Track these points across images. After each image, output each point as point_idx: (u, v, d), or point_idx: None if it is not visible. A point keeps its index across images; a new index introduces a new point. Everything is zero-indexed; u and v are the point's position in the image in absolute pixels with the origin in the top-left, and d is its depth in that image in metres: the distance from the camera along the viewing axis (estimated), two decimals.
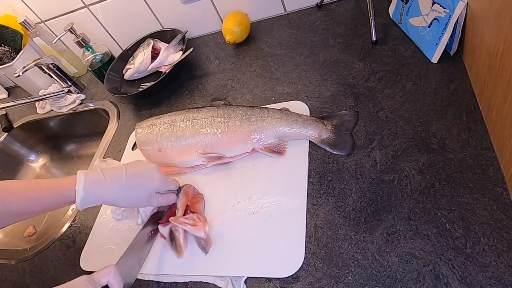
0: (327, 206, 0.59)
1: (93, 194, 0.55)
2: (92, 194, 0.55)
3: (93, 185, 0.56)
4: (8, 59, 1.13)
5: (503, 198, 0.50)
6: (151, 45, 0.99)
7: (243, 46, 0.97)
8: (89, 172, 0.57)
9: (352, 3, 0.90)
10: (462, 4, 0.60)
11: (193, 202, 0.67)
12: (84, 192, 0.55)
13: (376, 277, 0.50)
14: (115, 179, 0.57)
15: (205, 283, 0.59)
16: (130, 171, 0.59)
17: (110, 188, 0.57)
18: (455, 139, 0.58)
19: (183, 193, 0.66)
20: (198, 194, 0.69)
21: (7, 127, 1.12)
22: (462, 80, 0.64)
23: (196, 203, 0.67)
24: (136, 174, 0.59)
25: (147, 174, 0.60)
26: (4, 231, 1.03)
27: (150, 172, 0.61)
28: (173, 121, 0.72)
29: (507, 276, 0.45)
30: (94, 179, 0.56)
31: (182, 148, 0.71)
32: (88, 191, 0.55)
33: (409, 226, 0.52)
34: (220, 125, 0.69)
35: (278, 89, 0.81)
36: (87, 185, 0.55)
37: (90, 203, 0.56)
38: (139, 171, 0.60)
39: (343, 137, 0.65)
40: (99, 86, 1.12)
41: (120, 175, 0.58)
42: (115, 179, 0.57)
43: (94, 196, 0.56)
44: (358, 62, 0.76)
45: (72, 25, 0.99)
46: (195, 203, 0.67)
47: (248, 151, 0.70)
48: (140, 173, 0.60)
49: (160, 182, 0.61)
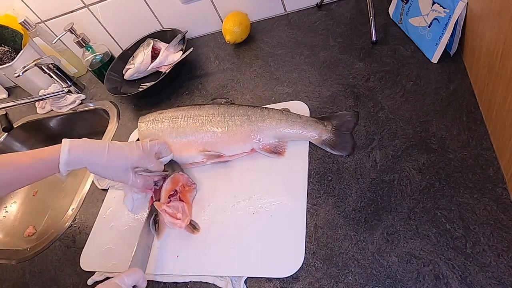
0: (327, 206, 0.59)
1: (75, 157, 0.60)
2: (74, 156, 0.60)
3: (76, 149, 0.60)
4: (8, 59, 1.13)
5: (503, 198, 0.50)
6: (151, 45, 0.99)
7: (243, 46, 0.97)
8: (74, 139, 0.62)
9: (352, 3, 0.90)
10: (462, 4, 0.60)
11: (184, 190, 0.69)
12: (68, 155, 0.59)
13: (376, 277, 0.50)
14: (97, 146, 0.62)
15: (205, 283, 0.59)
16: (113, 143, 0.64)
17: (91, 153, 0.61)
18: (455, 139, 0.58)
19: (171, 180, 0.68)
20: (192, 184, 0.70)
21: (7, 127, 1.12)
22: (462, 80, 0.64)
23: (187, 192, 0.69)
24: (118, 145, 0.63)
25: (127, 147, 0.64)
26: (4, 231, 1.03)
27: (131, 146, 0.64)
28: (175, 117, 0.73)
29: (507, 276, 0.44)
30: (77, 144, 0.61)
31: (182, 144, 0.71)
32: (71, 154, 0.59)
33: (409, 226, 0.52)
34: (220, 124, 0.69)
35: (278, 89, 0.81)
36: (71, 148, 0.60)
37: (72, 166, 0.60)
38: (121, 144, 0.64)
39: (343, 137, 0.65)
40: (99, 86, 1.12)
41: (103, 143, 0.63)
42: (97, 146, 0.62)
43: (76, 158, 0.60)
44: (358, 62, 0.76)
45: (72, 25, 0.99)
46: (186, 192, 0.69)
47: (247, 151, 0.70)
48: (121, 145, 0.64)
49: (139, 158, 0.64)
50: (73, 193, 0.87)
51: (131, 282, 0.51)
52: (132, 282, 0.51)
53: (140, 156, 0.64)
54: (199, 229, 0.64)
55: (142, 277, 0.52)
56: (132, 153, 0.63)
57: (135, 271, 0.52)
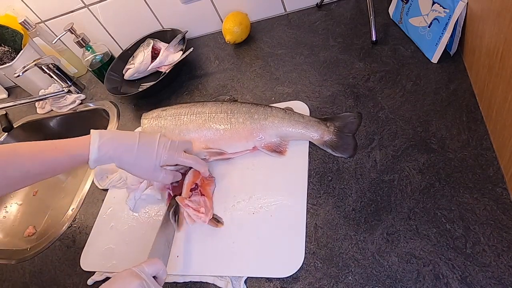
0: (327, 206, 0.59)
1: (105, 154, 0.58)
2: (104, 153, 0.58)
3: (106, 146, 0.58)
4: (8, 59, 1.13)
5: (503, 198, 0.50)
6: (151, 45, 0.99)
7: (243, 46, 0.97)
8: (103, 132, 0.59)
9: (352, 3, 0.90)
10: (462, 4, 0.60)
11: (204, 183, 0.68)
12: (98, 153, 0.57)
13: (376, 277, 0.50)
14: (127, 142, 0.60)
15: (205, 283, 0.59)
16: (143, 139, 0.61)
17: (121, 151, 0.59)
18: (455, 139, 0.58)
19: (192, 173, 0.67)
20: (211, 177, 0.70)
21: (7, 127, 1.12)
22: (462, 80, 0.64)
23: (207, 185, 0.68)
24: (148, 142, 0.61)
25: (157, 146, 0.61)
26: (4, 231, 1.03)
27: (160, 145, 0.62)
28: (178, 114, 0.73)
29: (507, 276, 0.44)
30: (107, 139, 0.59)
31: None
32: (101, 151, 0.58)
33: (409, 226, 0.52)
34: (223, 121, 0.70)
35: (278, 89, 0.81)
36: (101, 145, 0.58)
37: (102, 162, 0.59)
38: (151, 140, 0.62)
39: (345, 139, 0.65)
40: (99, 86, 1.12)
41: (132, 140, 0.60)
42: (127, 144, 0.60)
43: (106, 155, 0.58)
44: (358, 62, 0.76)
45: (72, 25, 0.99)
46: (206, 185, 0.68)
47: (249, 149, 0.70)
48: (151, 142, 0.61)
49: (168, 157, 0.62)
50: (73, 193, 0.87)
51: (151, 271, 0.49)
52: (152, 272, 0.49)
53: (169, 155, 0.62)
54: (222, 222, 0.63)
55: (163, 269, 0.50)
56: (161, 153, 0.61)
57: (155, 262, 0.50)
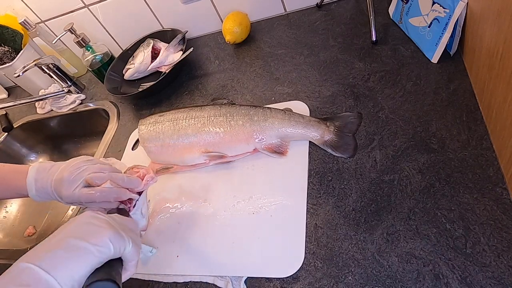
0: (327, 206, 0.59)
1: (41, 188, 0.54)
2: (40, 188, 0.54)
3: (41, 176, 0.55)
4: (8, 59, 1.13)
5: (503, 198, 0.50)
6: (151, 45, 0.99)
7: (243, 46, 0.97)
8: (40, 165, 0.56)
9: (352, 3, 0.90)
10: (462, 4, 0.60)
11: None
12: (36, 190, 0.55)
13: (376, 277, 0.50)
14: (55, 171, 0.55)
15: (205, 283, 0.59)
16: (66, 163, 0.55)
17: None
18: (455, 139, 0.58)
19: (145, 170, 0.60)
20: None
21: (7, 127, 1.12)
22: (462, 80, 0.64)
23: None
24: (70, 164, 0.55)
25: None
26: (4, 231, 1.03)
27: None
28: (176, 119, 0.73)
29: (507, 276, 0.45)
30: (42, 168, 0.55)
31: (184, 146, 0.71)
32: (37, 184, 0.54)
33: (409, 226, 0.52)
34: (222, 124, 0.69)
35: (278, 89, 0.81)
36: (37, 179, 0.54)
37: (44, 199, 0.56)
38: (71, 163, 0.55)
39: (345, 139, 0.65)
40: (99, 86, 1.12)
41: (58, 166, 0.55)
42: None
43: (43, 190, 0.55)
44: (358, 62, 0.76)
45: (72, 25, 0.99)
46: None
47: (250, 151, 0.70)
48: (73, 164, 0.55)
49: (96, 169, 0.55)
50: None
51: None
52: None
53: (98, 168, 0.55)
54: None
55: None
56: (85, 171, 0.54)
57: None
